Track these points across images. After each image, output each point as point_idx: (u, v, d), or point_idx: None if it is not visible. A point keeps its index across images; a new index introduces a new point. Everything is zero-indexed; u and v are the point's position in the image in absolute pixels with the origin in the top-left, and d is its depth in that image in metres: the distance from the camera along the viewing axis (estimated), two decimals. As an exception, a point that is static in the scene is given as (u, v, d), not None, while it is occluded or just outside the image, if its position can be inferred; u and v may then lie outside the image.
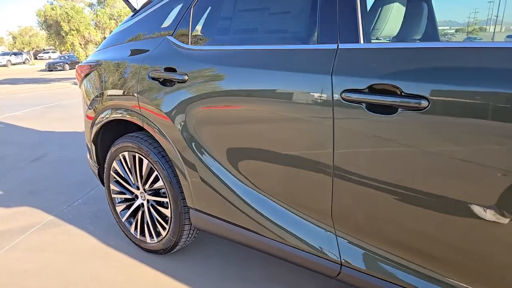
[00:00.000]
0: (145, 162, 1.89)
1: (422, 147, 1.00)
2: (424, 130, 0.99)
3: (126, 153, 1.99)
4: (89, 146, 2.28)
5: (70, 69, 24.47)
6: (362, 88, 1.07)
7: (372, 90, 1.06)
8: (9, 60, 32.83)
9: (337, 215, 1.24)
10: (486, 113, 0.90)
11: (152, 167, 1.86)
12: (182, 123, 1.62)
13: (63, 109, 7.40)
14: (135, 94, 1.80)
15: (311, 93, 1.19)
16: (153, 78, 1.73)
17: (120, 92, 1.91)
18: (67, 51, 17.52)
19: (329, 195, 1.23)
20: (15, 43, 37.83)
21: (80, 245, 2.21)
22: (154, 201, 1.97)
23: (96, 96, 2.08)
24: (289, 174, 1.32)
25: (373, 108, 1.06)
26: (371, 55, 1.09)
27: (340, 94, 1.11)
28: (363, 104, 1.08)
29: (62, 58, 25.64)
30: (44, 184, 3.20)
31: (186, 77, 1.58)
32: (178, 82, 1.62)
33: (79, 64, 2.34)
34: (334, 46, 1.18)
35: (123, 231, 2.19)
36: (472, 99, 0.92)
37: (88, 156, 2.42)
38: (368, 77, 1.06)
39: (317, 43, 1.24)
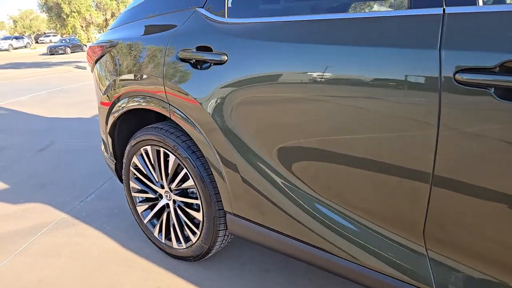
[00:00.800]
0: (172, 158, 1.63)
1: None
2: None
3: (148, 147, 1.73)
4: (105, 139, 2.02)
5: (71, 52, 24.05)
6: (490, 66, 0.79)
7: (505, 69, 0.78)
8: (11, 45, 32.38)
9: (431, 232, 0.97)
10: None
11: (181, 163, 1.60)
12: (220, 113, 1.35)
13: (67, 94, 7.11)
14: (160, 79, 1.52)
15: (406, 75, 0.90)
16: (183, 60, 1.45)
17: (141, 76, 1.63)
18: (68, 34, 17.08)
19: (423, 207, 0.96)
20: (15, 27, 37.25)
21: (98, 248, 1.98)
22: (182, 202, 1.72)
23: (112, 82, 1.80)
24: (368, 180, 1.05)
25: (507, 94, 0.78)
26: (503, 20, 0.80)
27: (454, 75, 0.83)
28: (490, 88, 0.79)
29: (63, 41, 25.13)
30: (53, 177, 2.96)
31: (226, 58, 1.30)
32: (215, 64, 1.34)
33: (91, 45, 2.05)
34: (438, 11, 0.88)
35: (145, 234, 1.95)
36: None
37: (103, 148, 2.16)
38: (500, 52, 0.77)
39: (411, 8, 0.94)
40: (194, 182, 1.58)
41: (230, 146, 1.37)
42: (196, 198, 1.65)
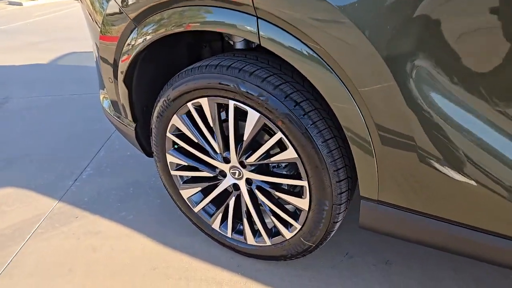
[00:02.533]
0: (252, 116, 0.97)
1: None
2: None
3: (203, 100, 1.05)
4: (111, 89, 1.28)
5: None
6: None
7: None
8: None
9: None
10: None
11: (271, 125, 0.96)
12: (395, 38, 0.70)
13: (9, 35, 5.78)
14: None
15: None
16: None
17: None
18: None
19: None
20: None
21: (126, 253, 1.36)
22: (265, 182, 1.10)
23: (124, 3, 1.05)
24: None
25: None
26: None
27: None
28: None
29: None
30: (21, 147, 2.18)
31: None
32: None
33: None
34: None
35: (197, 226, 1.35)
36: None
37: (106, 104, 1.44)
38: None
39: None
40: (298, 155, 0.96)
41: (417, 90, 0.74)
42: (292, 177, 1.04)
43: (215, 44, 1.34)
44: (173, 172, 1.26)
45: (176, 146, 1.22)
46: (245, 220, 1.19)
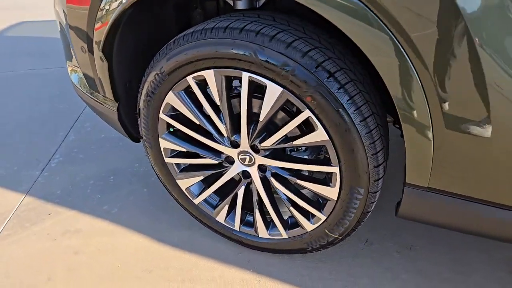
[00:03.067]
0: (273, 89, 0.79)
1: None
2: None
3: (208, 73, 0.85)
4: (85, 63, 1.04)
5: None
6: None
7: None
8: None
9: None
10: None
11: (296, 101, 0.79)
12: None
13: None
14: None
15: None
16: None
17: None
18: None
19: None
20: None
21: (118, 257, 1.17)
22: (285, 169, 0.94)
23: None
24: None
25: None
26: None
27: None
28: None
29: None
30: (-25, 132, 1.87)
31: None
32: None
33: None
34: None
35: (197, 218, 1.17)
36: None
37: (76, 80, 1.19)
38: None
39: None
40: (330, 137, 0.80)
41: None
42: (320, 162, 0.89)
43: (209, 4, 1.12)
44: (167, 160, 1.07)
45: (171, 129, 1.02)
46: (256, 211, 1.04)
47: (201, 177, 1.07)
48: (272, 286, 1.04)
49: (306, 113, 0.80)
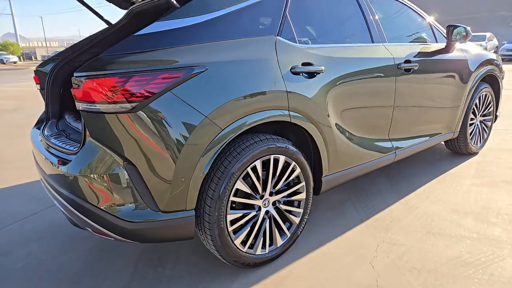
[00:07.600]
0: (282, 160, 1.84)
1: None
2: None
3: (257, 162, 1.74)
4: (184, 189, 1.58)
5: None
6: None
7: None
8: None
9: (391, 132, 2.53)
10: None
11: (290, 161, 1.88)
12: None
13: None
14: (283, 91, 1.77)
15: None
16: (295, 73, 1.84)
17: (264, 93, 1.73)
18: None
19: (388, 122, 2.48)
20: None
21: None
22: (284, 197, 1.94)
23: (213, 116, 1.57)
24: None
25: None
26: None
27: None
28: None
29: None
30: None
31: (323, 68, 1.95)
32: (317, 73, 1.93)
33: (123, 73, 1.43)
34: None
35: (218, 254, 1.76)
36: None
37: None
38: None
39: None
40: (301, 170, 1.93)
41: (332, 128, 2.04)
42: (293, 188, 1.97)
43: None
44: (231, 228, 1.72)
45: (234, 204, 1.72)
46: (261, 236, 1.89)
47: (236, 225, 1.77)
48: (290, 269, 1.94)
49: (291, 166, 1.89)
